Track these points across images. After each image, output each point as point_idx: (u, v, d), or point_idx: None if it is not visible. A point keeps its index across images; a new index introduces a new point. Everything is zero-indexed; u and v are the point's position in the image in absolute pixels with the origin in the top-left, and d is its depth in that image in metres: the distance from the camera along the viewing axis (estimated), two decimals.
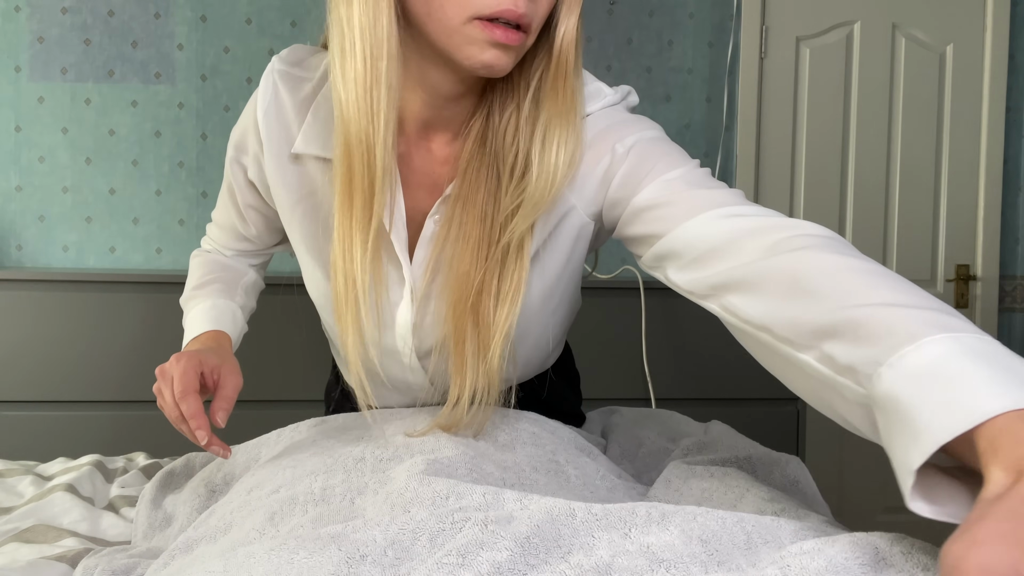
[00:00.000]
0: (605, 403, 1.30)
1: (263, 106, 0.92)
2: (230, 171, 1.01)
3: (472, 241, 0.85)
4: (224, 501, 0.83)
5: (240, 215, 1.07)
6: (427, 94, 0.86)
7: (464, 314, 0.84)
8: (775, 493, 0.79)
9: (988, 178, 2.88)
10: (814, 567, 0.52)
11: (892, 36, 2.85)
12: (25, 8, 2.51)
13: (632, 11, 2.74)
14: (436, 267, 0.88)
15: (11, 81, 2.51)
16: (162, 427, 2.16)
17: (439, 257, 0.88)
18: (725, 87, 2.79)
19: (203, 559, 0.68)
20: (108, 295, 2.14)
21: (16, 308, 2.11)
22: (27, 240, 2.54)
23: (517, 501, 0.66)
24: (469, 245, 0.85)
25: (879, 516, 2.88)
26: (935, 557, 0.53)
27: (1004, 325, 2.94)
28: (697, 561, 0.56)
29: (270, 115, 0.92)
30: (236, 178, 1.01)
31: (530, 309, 0.92)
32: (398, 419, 0.94)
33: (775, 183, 2.83)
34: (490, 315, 0.84)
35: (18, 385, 2.11)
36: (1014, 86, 2.90)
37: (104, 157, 2.55)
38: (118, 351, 2.14)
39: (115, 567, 0.78)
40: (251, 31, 2.60)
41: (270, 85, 0.93)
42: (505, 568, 0.55)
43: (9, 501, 1.06)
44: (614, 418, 1.13)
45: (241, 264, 1.15)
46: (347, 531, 0.62)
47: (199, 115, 2.58)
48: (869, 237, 2.86)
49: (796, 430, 2.39)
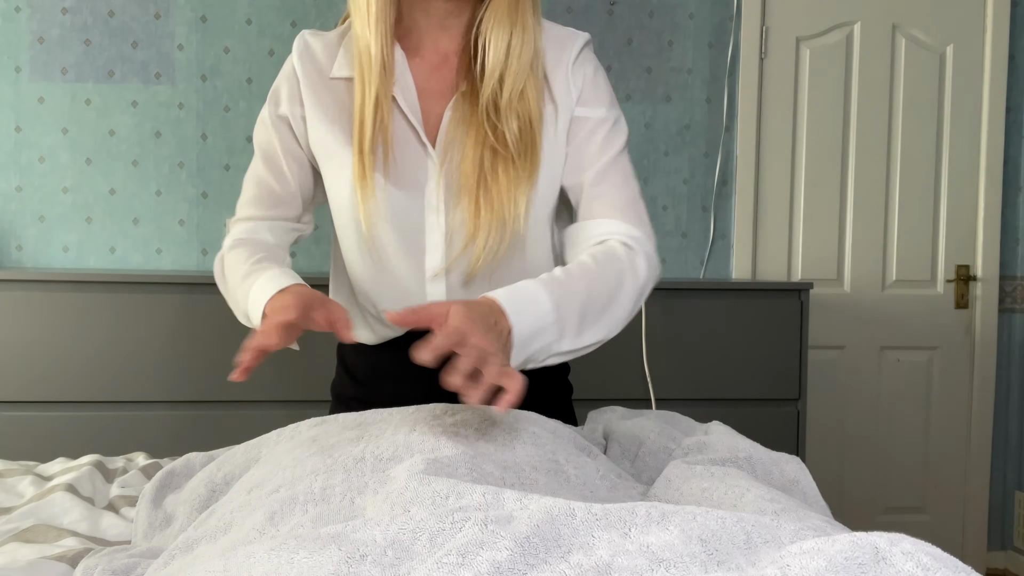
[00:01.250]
0: (605, 403, 1.30)
1: (297, 54, 1.14)
2: (269, 129, 1.14)
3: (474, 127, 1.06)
4: (224, 501, 0.83)
5: (278, 172, 1.15)
6: (429, 9, 1.09)
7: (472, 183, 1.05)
8: (775, 493, 0.79)
9: (988, 178, 2.88)
10: (814, 567, 0.52)
11: (892, 36, 2.85)
12: (25, 8, 2.51)
13: (632, 11, 2.74)
14: (451, 147, 1.08)
15: (11, 81, 2.51)
16: (162, 427, 2.16)
17: (451, 139, 1.08)
18: (725, 87, 2.79)
19: (203, 559, 0.68)
20: (108, 295, 2.14)
21: (16, 308, 2.11)
22: (27, 240, 2.54)
23: (517, 501, 0.66)
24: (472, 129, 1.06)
25: (879, 516, 2.88)
26: (935, 557, 0.53)
27: (1004, 325, 2.94)
28: (697, 561, 0.56)
29: (304, 59, 1.13)
30: (277, 129, 1.14)
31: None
32: (399, 416, 0.94)
33: (775, 183, 2.83)
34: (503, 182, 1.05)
35: (18, 385, 2.11)
36: (1014, 86, 2.90)
37: (104, 157, 2.55)
38: (118, 351, 2.14)
39: (115, 567, 0.78)
40: (251, 31, 2.60)
41: (301, 41, 1.15)
42: (505, 568, 0.55)
43: (9, 501, 1.06)
44: (614, 418, 1.13)
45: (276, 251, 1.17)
46: (347, 531, 0.62)
47: (199, 115, 2.58)
48: (869, 237, 2.86)
49: (796, 430, 2.39)
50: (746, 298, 2.38)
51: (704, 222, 2.81)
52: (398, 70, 1.09)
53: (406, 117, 1.09)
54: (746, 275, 2.81)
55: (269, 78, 2.59)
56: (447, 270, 1.09)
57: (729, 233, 2.82)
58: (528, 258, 1.11)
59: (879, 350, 2.88)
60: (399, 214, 1.08)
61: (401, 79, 1.09)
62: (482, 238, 1.05)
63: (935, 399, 2.91)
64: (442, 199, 1.08)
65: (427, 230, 1.09)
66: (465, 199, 1.06)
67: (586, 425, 1.14)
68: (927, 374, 2.91)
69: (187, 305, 2.17)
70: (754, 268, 2.83)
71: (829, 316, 2.85)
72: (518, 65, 1.05)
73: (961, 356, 2.92)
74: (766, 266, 2.83)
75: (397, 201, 1.08)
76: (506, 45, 1.05)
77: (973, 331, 2.91)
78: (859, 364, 2.88)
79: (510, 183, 1.05)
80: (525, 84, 1.06)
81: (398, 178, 1.08)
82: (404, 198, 1.08)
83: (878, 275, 2.88)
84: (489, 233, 1.05)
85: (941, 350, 2.91)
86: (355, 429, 0.94)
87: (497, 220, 1.05)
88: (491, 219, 1.05)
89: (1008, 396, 2.95)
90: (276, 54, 2.61)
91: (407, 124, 1.09)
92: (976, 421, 2.92)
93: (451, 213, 1.08)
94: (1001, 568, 2.96)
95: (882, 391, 2.89)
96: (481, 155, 1.05)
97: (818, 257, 2.85)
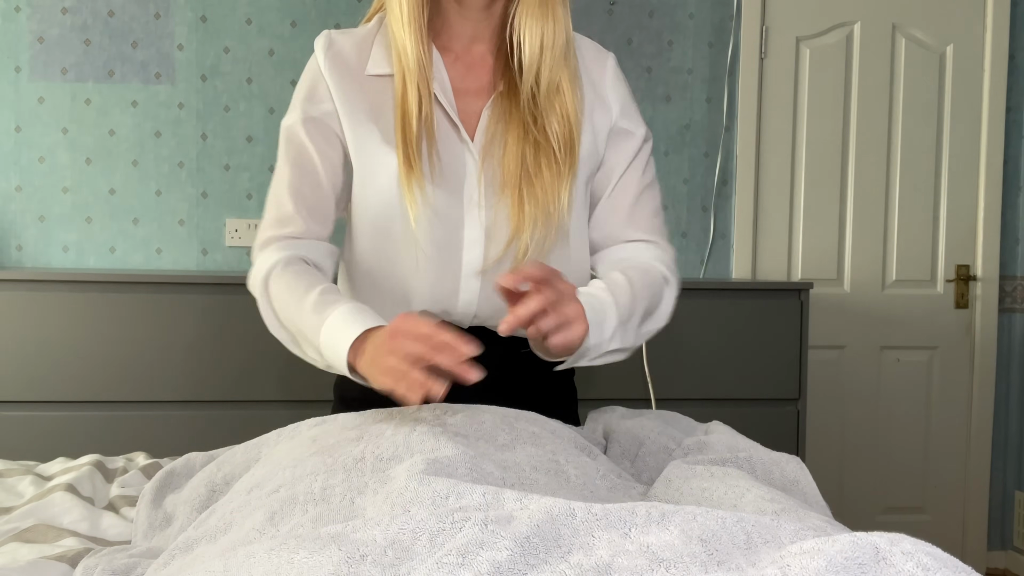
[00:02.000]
0: (605, 403, 1.30)
1: (323, 52, 1.12)
2: (300, 136, 1.11)
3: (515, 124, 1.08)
4: (224, 501, 0.83)
5: (313, 174, 1.11)
6: (461, 5, 1.09)
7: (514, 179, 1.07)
8: (775, 493, 0.79)
9: (988, 178, 2.88)
10: (814, 567, 0.52)
11: (892, 36, 2.85)
12: (25, 8, 2.51)
13: (632, 11, 2.74)
14: (492, 145, 1.09)
15: (11, 81, 2.51)
16: (162, 427, 2.16)
17: (491, 138, 1.09)
18: (725, 87, 2.79)
19: (203, 559, 0.69)
20: (108, 295, 2.14)
21: (16, 308, 2.11)
22: (27, 240, 2.54)
23: (517, 501, 0.66)
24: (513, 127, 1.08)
25: (879, 516, 2.88)
26: (935, 557, 0.53)
27: (1004, 325, 2.94)
28: (697, 561, 0.56)
29: (331, 56, 1.12)
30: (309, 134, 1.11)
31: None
32: (399, 417, 0.94)
33: (775, 183, 2.83)
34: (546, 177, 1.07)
35: (18, 385, 2.11)
36: (1014, 86, 2.90)
37: (104, 157, 2.55)
38: (118, 351, 2.14)
39: (115, 567, 0.78)
40: (251, 31, 2.60)
41: (326, 39, 1.13)
42: (505, 568, 0.55)
43: (9, 501, 1.06)
44: (614, 418, 1.13)
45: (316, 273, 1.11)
46: (347, 531, 0.62)
47: (199, 115, 2.58)
48: (869, 237, 2.86)
49: (796, 430, 2.39)
50: (746, 298, 2.38)
51: (704, 222, 2.81)
52: (435, 68, 1.10)
53: (447, 114, 1.10)
54: (746, 275, 2.81)
55: (269, 78, 2.59)
56: (489, 266, 1.10)
57: (729, 233, 2.82)
58: (572, 252, 1.13)
59: (879, 350, 2.88)
60: (440, 211, 1.09)
61: (438, 76, 1.10)
62: (527, 232, 1.07)
63: (935, 399, 2.91)
64: (483, 195, 1.09)
65: (466, 226, 1.09)
66: (508, 195, 1.08)
67: (586, 425, 1.14)
68: (927, 374, 2.91)
69: (187, 305, 2.17)
70: (754, 268, 2.83)
71: (829, 316, 2.85)
72: (552, 58, 1.07)
73: (961, 356, 2.92)
74: (766, 266, 2.83)
75: (439, 198, 1.08)
76: (540, 39, 1.06)
77: (973, 331, 2.91)
78: (859, 364, 2.87)
79: (553, 177, 1.07)
80: (561, 76, 1.08)
81: (440, 175, 1.09)
82: (445, 195, 1.09)
83: (878, 275, 2.88)
84: (535, 227, 1.07)
85: (941, 350, 2.91)
86: (355, 429, 0.94)
87: (543, 213, 1.07)
88: (536, 213, 1.07)
89: (1008, 396, 2.95)
90: (276, 54, 2.61)
91: (448, 121, 1.10)
92: (976, 421, 2.92)
93: (493, 209, 1.09)
94: (1001, 568, 2.96)
95: (882, 391, 2.89)
96: (523, 151, 1.07)
97: (818, 257, 2.85)
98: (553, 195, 1.07)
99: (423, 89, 1.06)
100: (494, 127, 1.09)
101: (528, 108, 1.07)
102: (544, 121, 1.07)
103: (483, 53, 1.13)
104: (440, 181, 1.08)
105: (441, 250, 1.09)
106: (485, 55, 1.13)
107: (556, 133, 1.07)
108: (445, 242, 1.09)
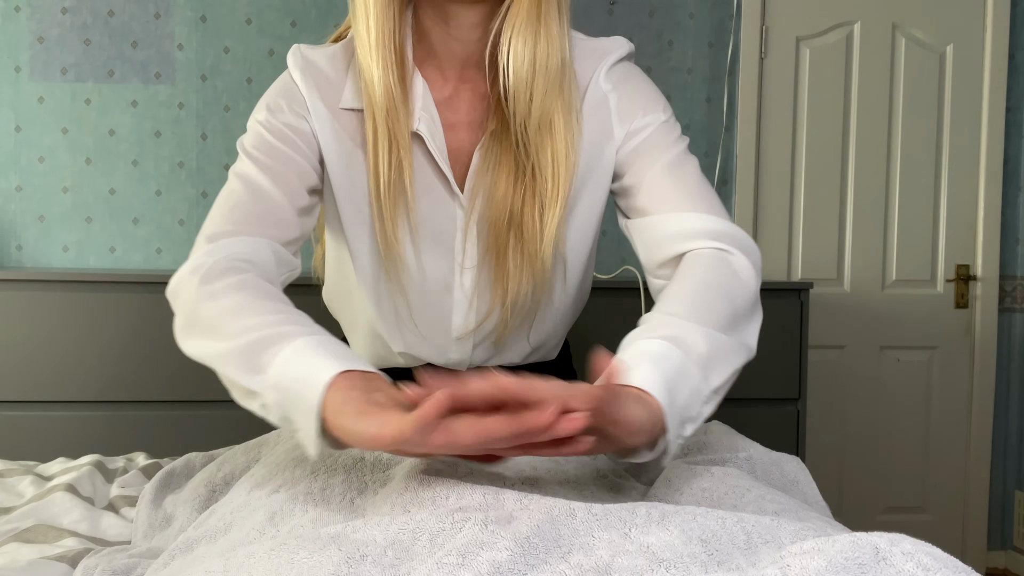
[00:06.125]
0: None
1: (299, 71, 0.98)
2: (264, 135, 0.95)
3: (505, 168, 0.95)
4: (224, 501, 0.83)
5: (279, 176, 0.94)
6: (447, 25, 0.95)
7: (503, 232, 0.96)
8: (775, 493, 0.79)
9: (988, 178, 2.88)
10: (814, 567, 0.52)
11: (892, 36, 2.85)
12: (25, 8, 2.51)
13: (632, 11, 2.74)
14: (478, 194, 0.98)
15: (11, 81, 2.51)
16: (162, 427, 2.16)
17: (478, 185, 0.97)
18: (725, 87, 2.79)
19: (203, 559, 0.68)
20: (108, 295, 2.14)
21: (16, 308, 2.11)
22: (27, 240, 2.54)
23: (517, 501, 0.66)
24: (503, 171, 0.95)
25: (879, 516, 2.88)
26: (935, 557, 0.53)
27: (1004, 325, 2.94)
28: (697, 561, 0.56)
29: (308, 76, 0.98)
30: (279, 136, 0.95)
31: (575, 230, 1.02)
32: None
33: (775, 183, 2.83)
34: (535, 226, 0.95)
35: (18, 385, 2.11)
36: (1014, 86, 2.90)
37: (104, 157, 2.55)
38: (118, 351, 2.14)
39: (115, 567, 0.78)
40: (251, 31, 2.60)
41: (298, 56, 0.99)
42: (505, 568, 0.55)
43: (9, 501, 1.06)
44: None
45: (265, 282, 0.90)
46: (347, 531, 0.62)
47: (199, 115, 2.58)
48: (869, 237, 2.86)
49: (796, 430, 2.39)
50: None
51: None
52: (420, 102, 0.96)
53: (433, 159, 0.97)
54: None
55: (269, 78, 2.59)
56: (477, 328, 1.03)
57: None
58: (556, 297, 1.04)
59: (879, 350, 2.88)
60: (427, 274, 1.00)
61: (426, 111, 0.96)
62: (513, 292, 0.97)
63: (935, 399, 2.91)
64: (467, 255, 0.99)
65: (455, 287, 1.01)
66: (494, 254, 0.97)
67: None
68: (927, 374, 2.91)
69: None
70: None
71: (829, 316, 2.85)
72: (545, 83, 0.92)
73: (961, 356, 2.92)
74: (766, 266, 2.83)
75: (425, 261, 0.99)
76: (531, 58, 0.91)
77: (973, 331, 2.91)
78: (859, 364, 2.87)
79: (542, 225, 0.95)
80: (554, 109, 0.93)
81: (425, 236, 0.98)
82: (431, 258, 0.99)
83: (878, 275, 2.88)
84: (521, 285, 0.97)
85: (941, 350, 2.91)
86: None
87: (529, 268, 0.97)
88: (523, 266, 0.96)
89: (1008, 396, 2.95)
90: (276, 54, 2.60)
91: (434, 168, 0.97)
92: (976, 421, 2.92)
93: (478, 269, 1.00)
94: (1001, 568, 2.96)
95: (882, 391, 2.89)
96: (512, 200, 0.95)
97: (818, 257, 2.85)
98: (543, 245, 0.95)
99: (397, 131, 0.92)
100: (484, 171, 0.96)
101: (520, 141, 0.94)
102: (535, 161, 0.94)
103: (477, 79, 0.98)
104: (426, 245, 0.99)
105: (429, 307, 1.03)
106: (479, 81, 0.98)
107: (548, 177, 0.94)
108: (435, 301, 1.02)
